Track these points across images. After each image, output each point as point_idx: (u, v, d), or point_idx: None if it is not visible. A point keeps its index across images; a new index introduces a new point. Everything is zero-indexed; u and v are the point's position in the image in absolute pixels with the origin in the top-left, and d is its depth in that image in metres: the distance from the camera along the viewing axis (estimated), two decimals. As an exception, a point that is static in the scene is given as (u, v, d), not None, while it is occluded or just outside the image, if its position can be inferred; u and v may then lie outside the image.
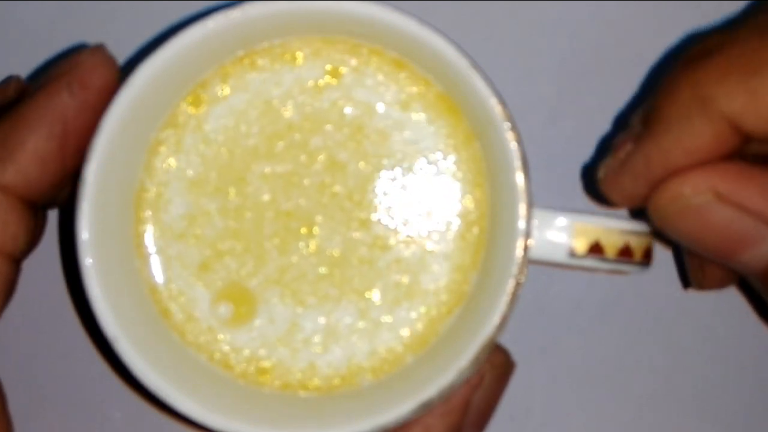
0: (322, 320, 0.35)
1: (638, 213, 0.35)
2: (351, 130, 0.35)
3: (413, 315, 0.35)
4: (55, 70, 0.34)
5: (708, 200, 0.31)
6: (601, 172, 0.34)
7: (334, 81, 0.35)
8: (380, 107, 0.35)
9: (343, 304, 0.35)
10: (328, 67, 0.35)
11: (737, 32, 0.31)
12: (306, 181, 0.35)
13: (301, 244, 0.35)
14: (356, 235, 0.35)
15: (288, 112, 0.35)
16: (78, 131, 0.33)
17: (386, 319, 0.35)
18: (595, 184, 0.35)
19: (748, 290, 0.39)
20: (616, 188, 0.34)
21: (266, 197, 0.35)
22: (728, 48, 0.31)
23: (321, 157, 0.35)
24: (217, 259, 0.35)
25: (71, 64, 0.33)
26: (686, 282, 0.39)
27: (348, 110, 0.35)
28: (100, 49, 0.34)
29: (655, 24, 0.41)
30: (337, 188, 0.35)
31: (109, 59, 0.33)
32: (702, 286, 0.37)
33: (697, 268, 0.37)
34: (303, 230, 0.35)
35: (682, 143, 0.31)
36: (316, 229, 0.35)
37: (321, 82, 0.35)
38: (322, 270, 0.35)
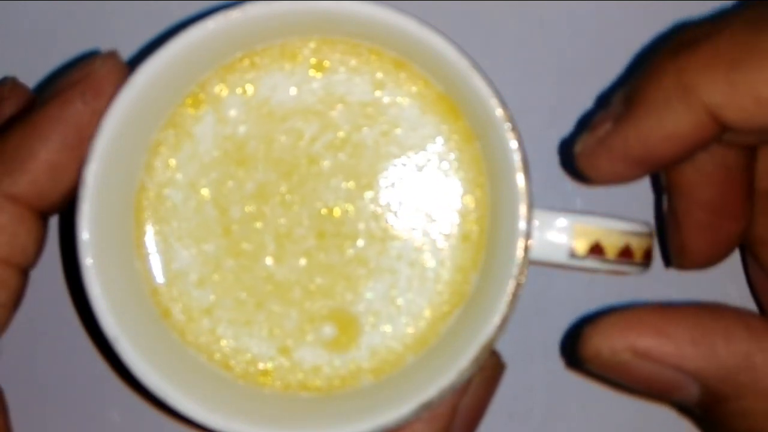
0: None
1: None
2: (349, 130, 0.35)
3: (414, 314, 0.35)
4: (67, 78, 0.33)
5: (627, 359, 0.31)
6: (578, 147, 0.34)
7: (333, 81, 0.35)
8: (380, 107, 0.35)
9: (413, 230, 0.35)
10: (326, 66, 0.35)
11: (725, 24, 0.31)
12: (305, 187, 0.35)
13: (339, 214, 0.35)
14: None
15: (286, 112, 0.35)
16: (91, 140, 0.32)
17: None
18: (571, 159, 0.35)
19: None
20: (593, 166, 0.34)
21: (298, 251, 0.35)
22: (715, 39, 0.31)
23: (319, 156, 0.35)
24: (310, 323, 0.35)
25: (84, 73, 0.33)
26: (668, 261, 0.39)
27: (347, 110, 0.35)
28: (112, 56, 0.33)
29: (656, 24, 0.41)
30: (338, 178, 0.35)
31: (122, 66, 0.33)
32: (682, 265, 0.37)
33: (677, 247, 0.37)
34: (329, 223, 0.35)
35: (662, 128, 0.31)
36: (336, 210, 0.35)
37: (319, 81, 0.35)
38: (375, 208, 0.35)
